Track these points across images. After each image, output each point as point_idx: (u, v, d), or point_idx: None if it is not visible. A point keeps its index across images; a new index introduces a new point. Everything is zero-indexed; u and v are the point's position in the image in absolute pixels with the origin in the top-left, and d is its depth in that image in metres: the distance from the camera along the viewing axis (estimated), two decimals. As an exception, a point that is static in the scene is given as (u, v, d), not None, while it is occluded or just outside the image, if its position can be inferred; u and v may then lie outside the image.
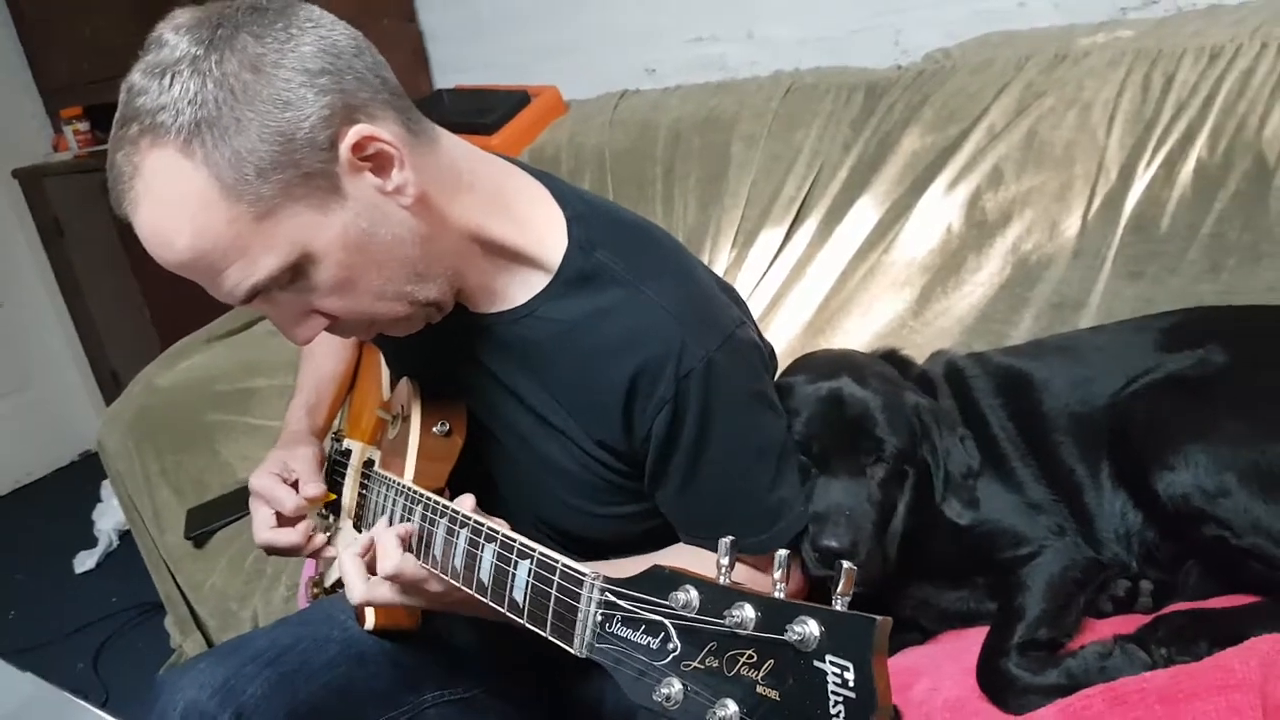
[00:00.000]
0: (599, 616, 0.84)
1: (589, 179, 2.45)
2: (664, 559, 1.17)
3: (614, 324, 1.20)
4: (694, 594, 0.75)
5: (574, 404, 1.24)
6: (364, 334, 1.23)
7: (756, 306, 2.11)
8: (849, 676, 0.65)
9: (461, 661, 1.44)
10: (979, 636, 1.40)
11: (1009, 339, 1.87)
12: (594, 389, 1.22)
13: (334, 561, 1.52)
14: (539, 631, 0.93)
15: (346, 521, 1.46)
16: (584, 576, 0.87)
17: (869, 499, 1.37)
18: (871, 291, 2.04)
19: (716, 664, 0.73)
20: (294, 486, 1.41)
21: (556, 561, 0.92)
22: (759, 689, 0.69)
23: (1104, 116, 1.85)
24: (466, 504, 1.15)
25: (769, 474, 1.27)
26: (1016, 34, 2.09)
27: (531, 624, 0.95)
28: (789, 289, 2.14)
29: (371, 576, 1.20)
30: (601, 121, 2.54)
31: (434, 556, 1.15)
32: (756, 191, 2.23)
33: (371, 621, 1.33)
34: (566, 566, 0.90)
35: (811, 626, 0.67)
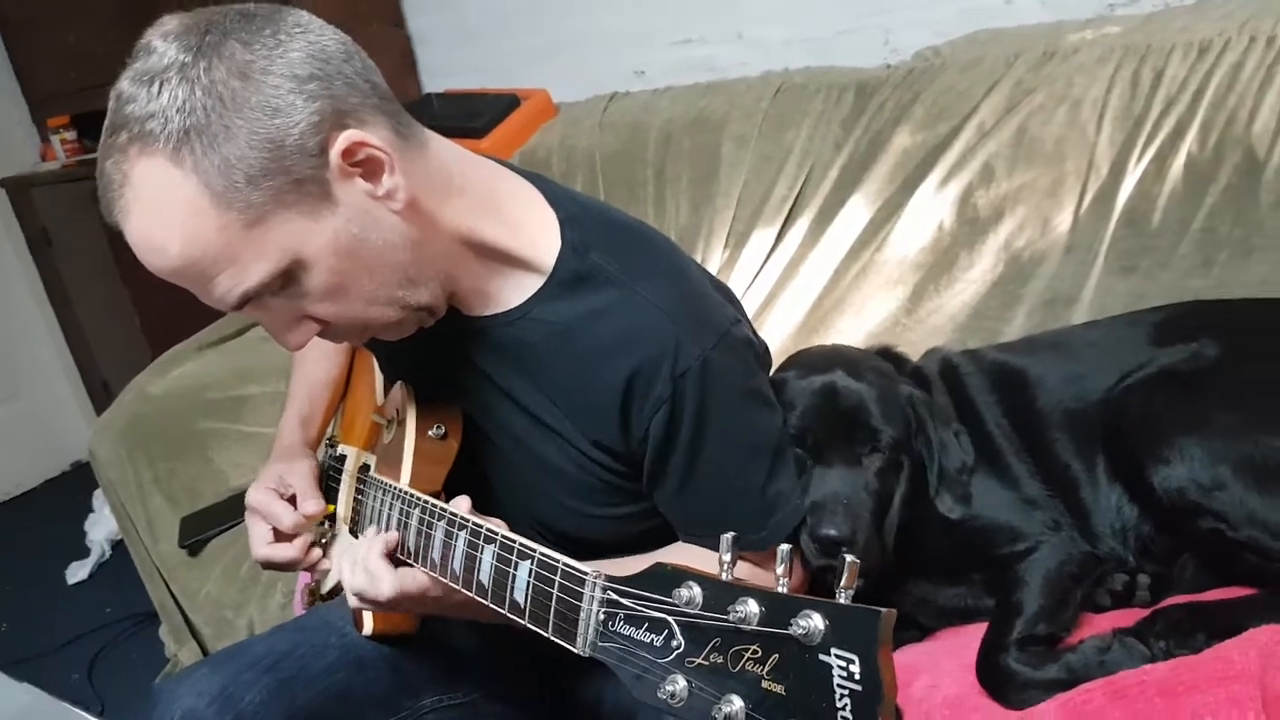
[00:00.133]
0: (601, 615, 0.83)
1: (580, 182, 2.44)
2: (664, 558, 1.16)
3: (609, 325, 1.20)
4: (697, 591, 0.75)
5: (570, 405, 1.24)
6: (356, 339, 1.23)
7: (750, 307, 2.11)
8: (855, 669, 0.65)
9: (460, 665, 1.43)
10: (977, 633, 1.40)
11: (1002, 336, 1.87)
12: (590, 390, 1.21)
13: (329, 568, 1.52)
14: (540, 632, 0.93)
15: (343, 527, 1.45)
16: (586, 575, 0.87)
17: (866, 488, 1.37)
18: (864, 290, 2.04)
19: (721, 660, 0.72)
20: (291, 501, 1.41)
21: (558, 561, 0.92)
22: (764, 684, 0.69)
23: (1094, 113, 1.86)
24: (463, 506, 1.15)
25: (766, 470, 1.27)
26: (1005, 32, 2.10)
27: (533, 624, 0.94)
28: (782, 289, 2.14)
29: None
30: (592, 124, 2.54)
31: (432, 560, 1.14)
32: (748, 192, 2.23)
33: (370, 627, 1.33)
34: (568, 566, 0.90)
35: (816, 620, 0.66)
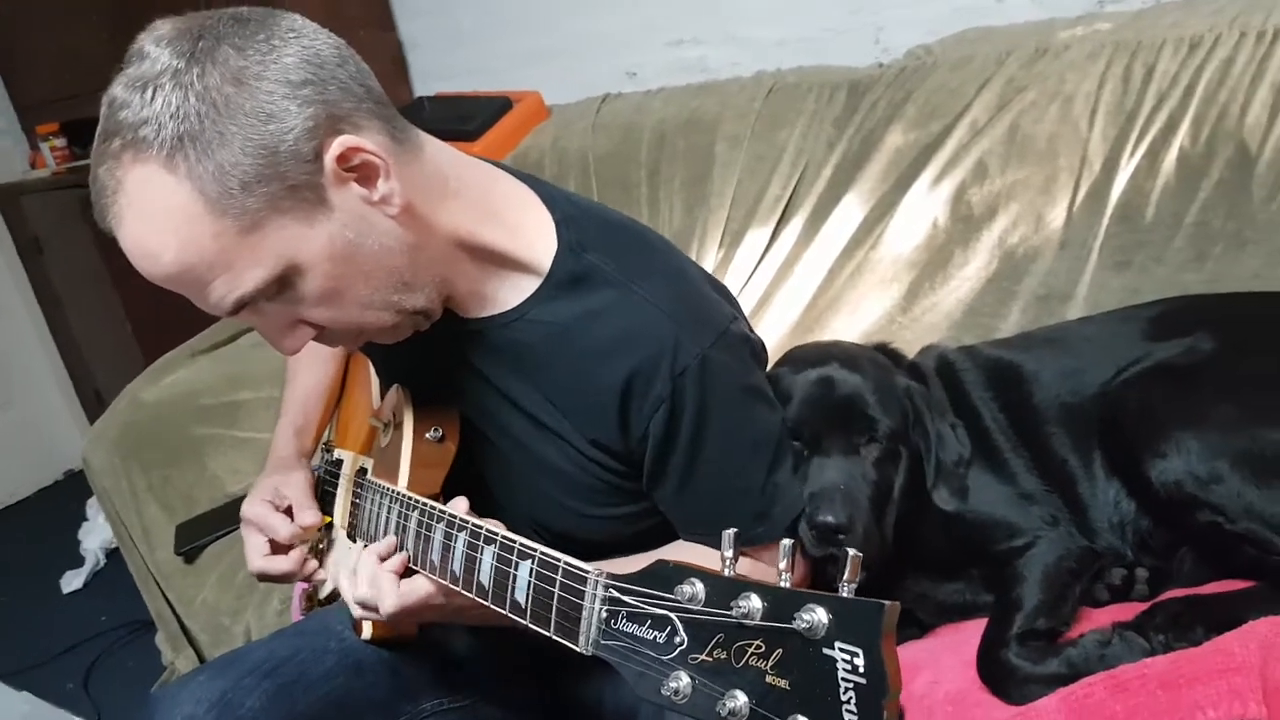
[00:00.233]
0: (604, 613, 0.83)
1: (573, 183, 2.44)
2: (665, 556, 1.16)
3: (607, 325, 1.20)
4: (699, 587, 0.75)
5: (568, 406, 1.24)
6: (351, 343, 1.22)
7: (745, 307, 2.08)
8: (859, 662, 0.65)
9: (459, 669, 1.43)
10: (976, 629, 1.40)
11: (997, 332, 1.87)
12: (588, 390, 1.21)
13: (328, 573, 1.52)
14: (542, 631, 0.92)
15: (340, 532, 1.45)
16: (588, 574, 0.87)
17: (864, 477, 1.37)
18: (859, 289, 2.04)
19: (724, 656, 0.72)
20: (287, 513, 1.41)
21: (559, 560, 0.91)
22: (768, 678, 0.69)
23: (1086, 109, 1.86)
24: (460, 507, 1.15)
25: (766, 467, 1.27)
26: (996, 29, 2.10)
27: (534, 624, 0.94)
28: (776, 288, 2.14)
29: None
30: (584, 126, 2.54)
31: (432, 562, 1.14)
32: (741, 192, 2.23)
33: (369, 631, 1.33)
34: (569, 564, 0.90)
35: (820, 614, 0.66)
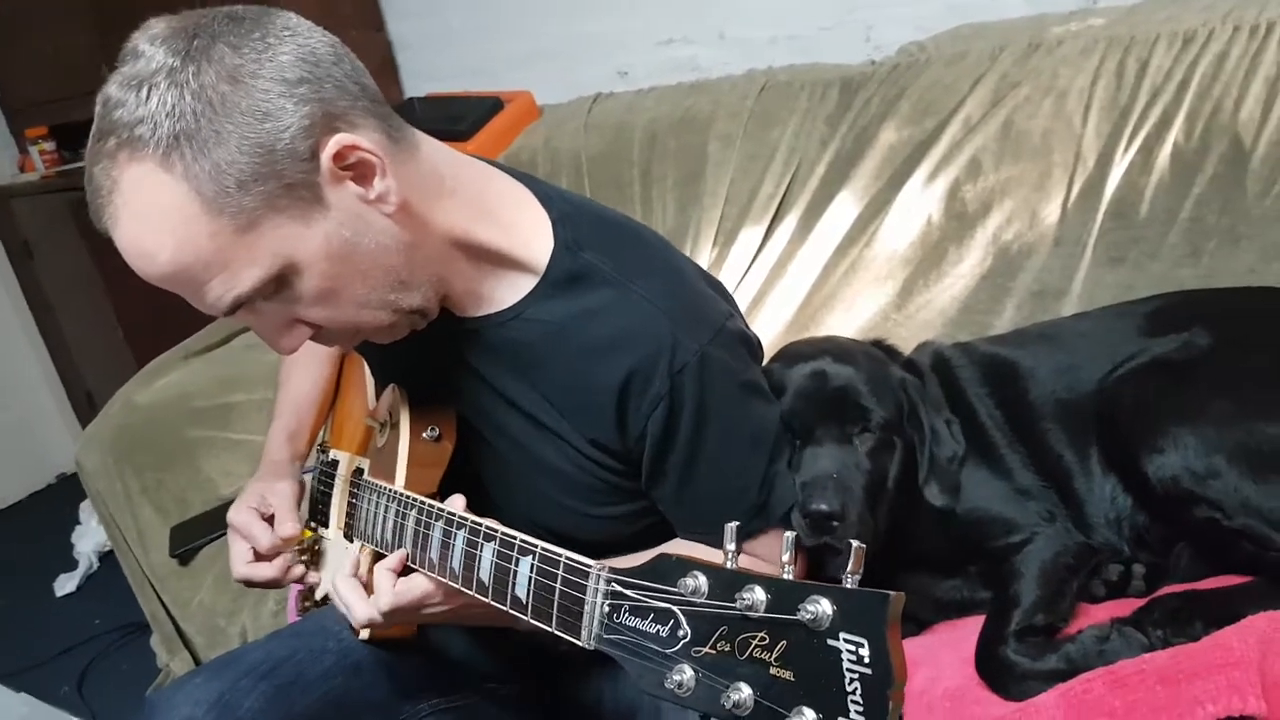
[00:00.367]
0: (606, 607, 0.83)
1: (566, 183, 2.43)
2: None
3: (604, 323, 1.19)
4: (702, 580, 0.74)
5: (566, 404, 1.23)
6: (348, 343, 1.22)
7: (739, 305, 2.09)
8: (864, 653, 0.64)
9: (458, 668, 1.43)
10: (974, 625, 1.41)
11: (992, 329, 1.87)
12: (586, 389, 1.21)
13: (323, 574, 1.51)
14: (544, 626, 0.92)
15: (336, 532, 1.45)
16: (590, 568, 0.86)
17: (857, 466, 1.37)
18: (854, 287, 2.05)
19: (728, 648, 0.72)
20: (270, 522, 1.40)
21: (560, 555, 0.91)
22: (772, 670, 0.69)
23: (1080, 104, 1.86)
24: (457, 505, 1.14)
25: (765, 463, 1.27)
26: (989, 25, 2.10)
27: (536, 619, 0.94)
28: (771, 287, 2.14)
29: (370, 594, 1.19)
30: (576, 125, 2.54)
31: (430, 560, 1.14)
32: (735, 190, 2.23)
33: (366, 631, 1.32)
34: (570, 559, 0.90)
35: (824, 605, 0.66)
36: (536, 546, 0.96)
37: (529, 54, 3.01)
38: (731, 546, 0.76)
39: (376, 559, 1.25)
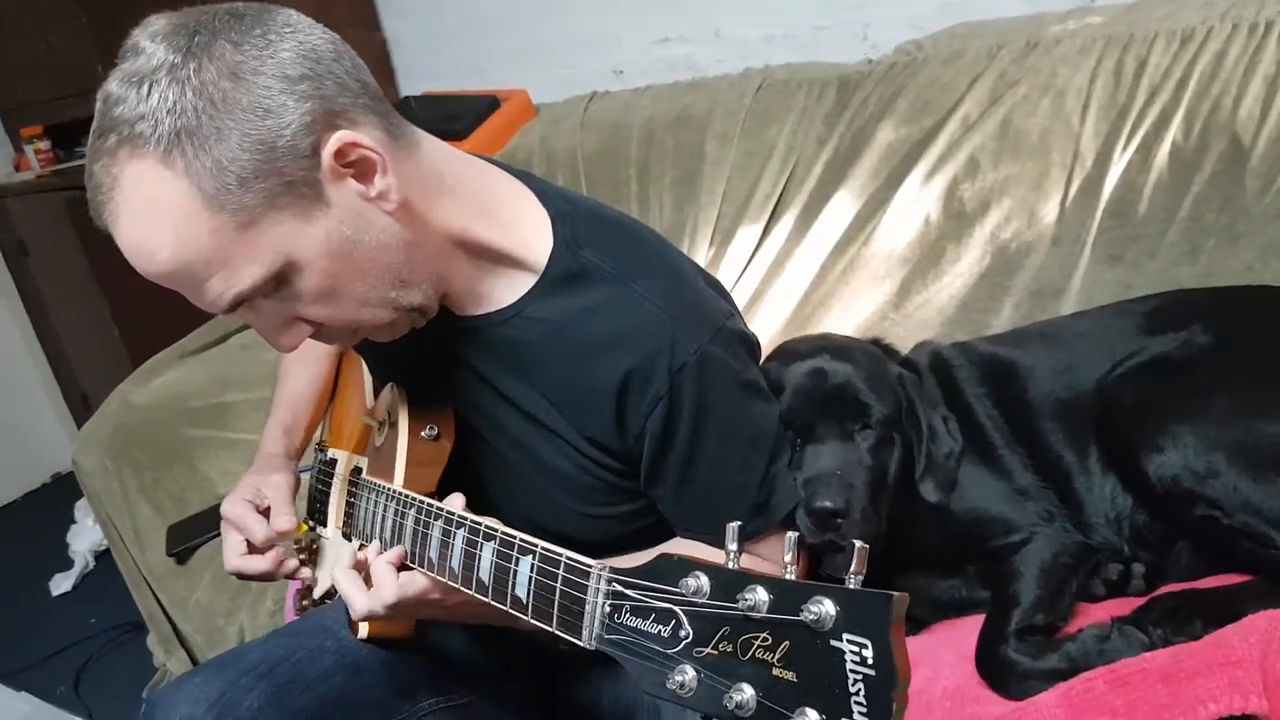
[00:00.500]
0: (607, 607, 0.83)
1: (562, 182, 2.43)
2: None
3: (603, 321, 1.19)
4: (704, 580, 0.74)
5: (565, 403, 1.23)
6: (347, 341, 1.22)
7: (737, 304, 2.10)
8: (867, 654, 0.64)
9: (457, 667, 1.43)
10: (973, 625, 1.41)
11: (990, 328, 1.87)
12: (585, 388, 1.21)
13: (321, 573, 1.51)
14: (545, 626, 0.92)
15: (335, 531, 1.44)
16: (590, 568, 0.86)
17: (859, 462, 1.37)
18: (851, 285, 2.04)
19: (730, 649, 0.72)
20: (266, 514, 1.39)
21: (560, 555, 0.91)
22: (775, 671, 0.69)
23: (1078, 103, 1.86)
24: (456, 504, 1.14)
25: (765, 462, 1.26)
26: (987, 24, 2.10)
27: (536, 619, 0.93)
28: (768, 285, 2.14)
29: (370, 588, 1.19)
30: (572, 124, 2.53)
31: (429, 559, 1.13)
32: (732, 189, 2.22)
33: (365, 630, 1.32)
34: (571, 559, 0.89)
35: (827, 606, 0.66)
36: (536, 546, 0.95)
37: (524, 53, 3.00)
38: (733, 546, 0.75)
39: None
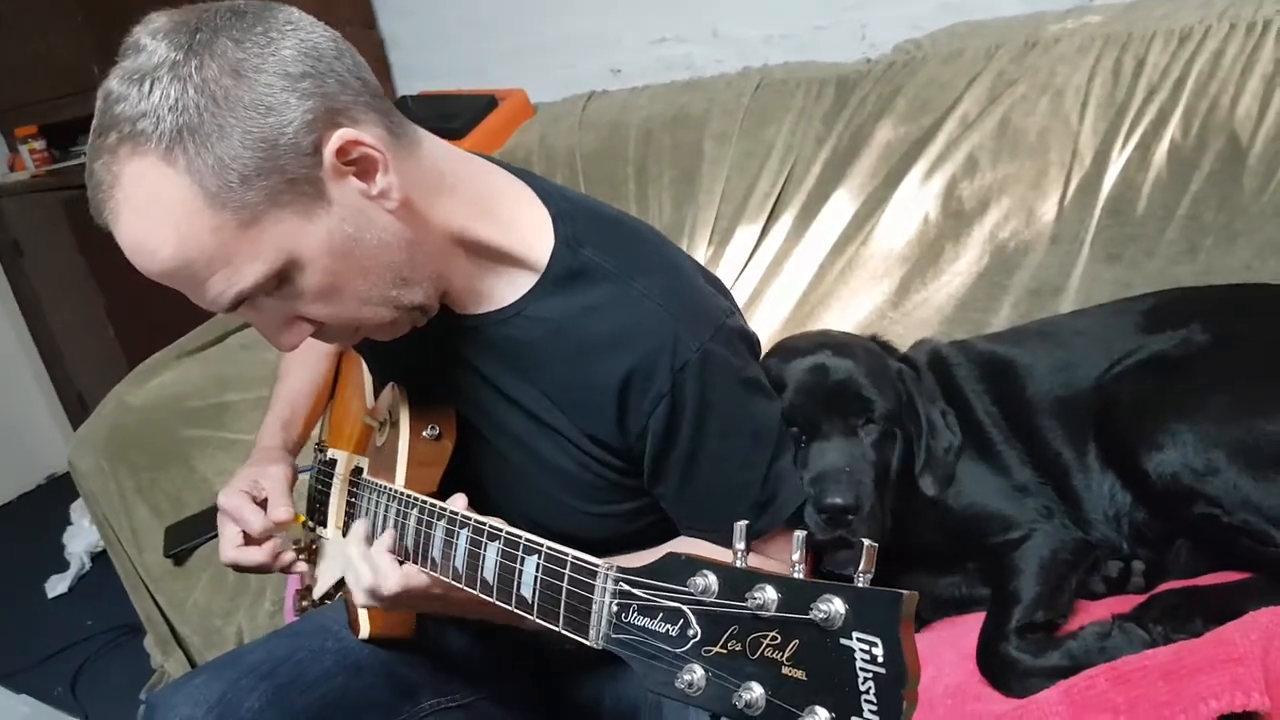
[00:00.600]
0: (614, 607, 0.82)
1: (560, 181, 2.41)
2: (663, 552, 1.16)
3: (604, 320, 1.19)
4: (712, 579, 0.74)
5: (567, 402, 1.23)
6: (348, 340, 1.21)
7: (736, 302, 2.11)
8: (877, 652, 0.64)
9: (458, 667, 1.42)
10: (974, 622, 1.41)
11: (989, 327, 1.87)
12: (587, 386, 1.20)
13: (321, 574, 1.50)
14: (551, 626, 0.92)
15: (335, 531, 1.44)
16: (597, 568, 0.86)
17: (865, 458, 1.37)
18: (850, 285, 2.05)
19: (739, 647, 0.72)
20: (263, 505, 1.39)
21: (566, 555, 0.91)
22: (784, 670, 0.69)
23: (1076, 102, 1.87)
24: (459, 504, 1.14)
25: (766, 459, 1.26)
26: (986, 23, 2.10)
27: (542, 619, 0.93)
28: (767, 285, 2.14)
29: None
30: (570, 123, 2.53)
31: (433, 559, 1.13)
32: (730, 188, 2.22)
33: (366, 630, 1.32)
34: (578, 559, 0.89)
35: (837, 604, 0.66)
36: (542, 545, 0.95)
37: (521, 52, 3.00)
38: (741, 545, 0.75)
39: None
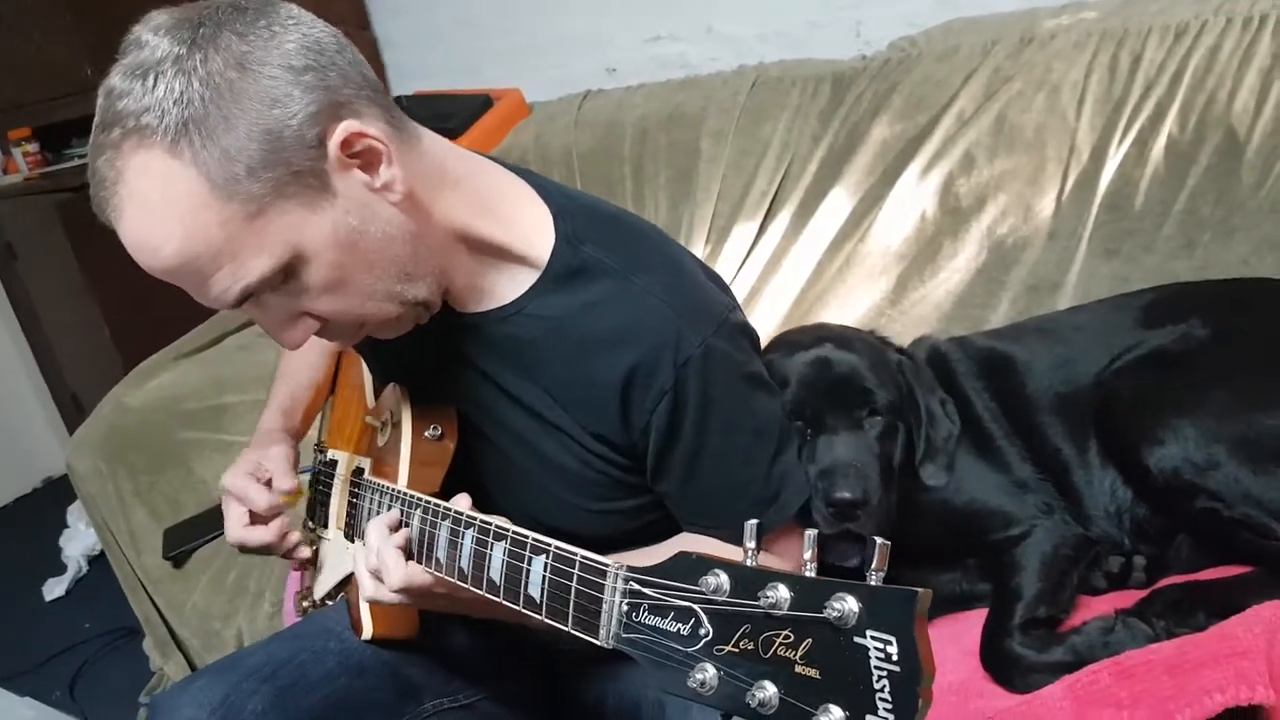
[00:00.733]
0: (625, 606, 0.82)
1: (557, 180, 2.42)
2: (667, 549, 1.16)
3: (606, 317, 1.19)
4: (724, 578, 0.74)
5: (569, 399, 1.23)
6: (351, 338, 1.20)
7: (735, 299, 2.11)
8: (892, 650, 0.64)
9: (461, 668, 1.42)
10: (976, 619, 1.41)
11: (987, 323, 1.88)
12: (589, 383, 1.20)
13: (322, 574, 1.50)
14: (560, 626, 0.91)
15: (336, 532, 1.44)
16: (607, 567, 0.86)
17: (870, 451, 1.38)
18: (848, 282, 2.05)
19: (751, 646, 0.71)
20: (268, 485, 1.39)
21: (575, 554, 0.90)
22: (797, 668, 0.68)
23: (1073, 98, 1.87)
24: (463, 504, 1.13)
25: (770, 454, 1.26)
26: (981, 19, 2.10)
27: (551, 619, 0.93)
28: (765, 283, 2.14)
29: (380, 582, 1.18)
30: (566, 122, 2.53)
31: (437, 559, 1.13)
32: (727, 187, 2.22)
33: (369, 631, 1.31)
34: (586, 558, 0.89)
35: (850, 603, 0.66)
36: (550, 545, 0.95)
37: (515, 52, 2.99)
38: (752, 544, 0.75)
39: None
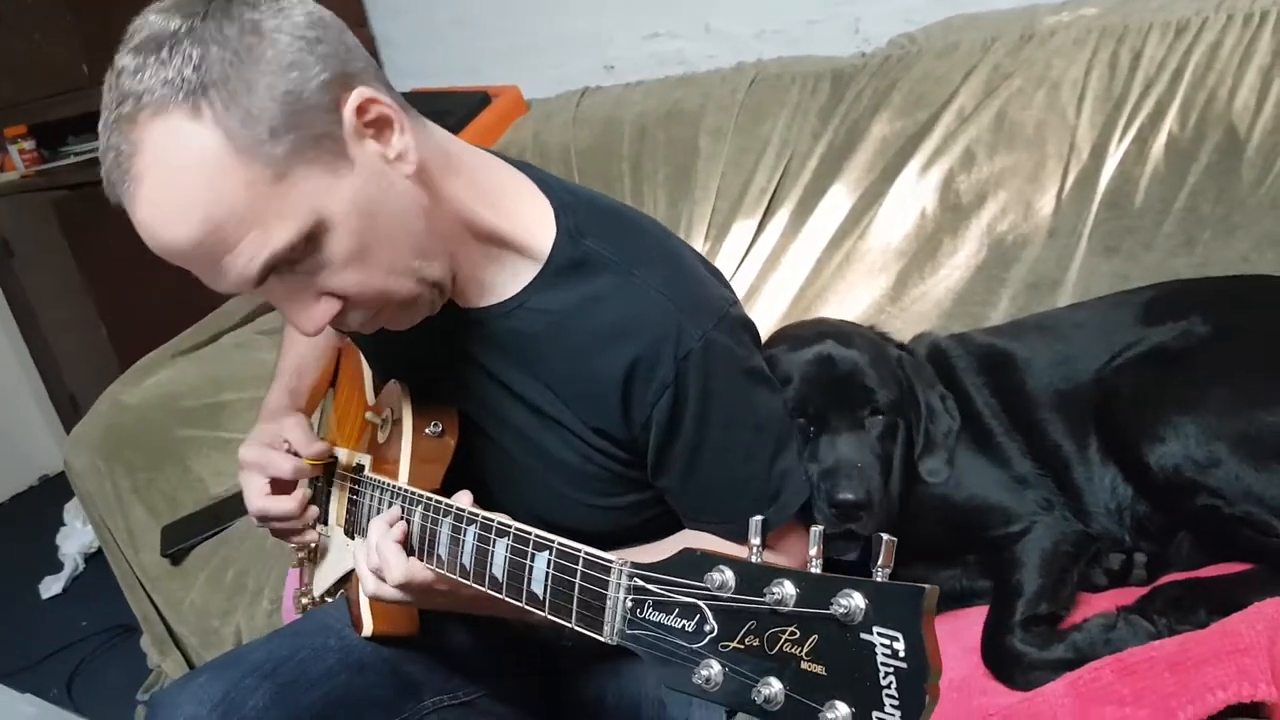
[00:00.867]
0: (629, 603, 0.82)
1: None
2: (672, 545, 1.16)
3: (607, 311, 1.19)
4: (729, 574, 0.74)
5: (570, 394, 1.23)
6: (371, 323, 1.16)
7: (735, 295, 2.11)
8: (899, 647, 0.64)
9: (461, 665, 1.42)
10: (976, 616, 1.41)
11: (987, 321, 1.87)
12: (590, 378, 1.20)
13: (321, 571, 1.50)
14: (563, 622, 0.91)
15: (336, 529, 1.44)
16: (611, 563, 0.85)
17: (872, 450, 1.38)
18: (848, 279, 2.04)
19: (757, 643, 0.71)
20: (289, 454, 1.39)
21: (578, 550, 0.90)
22: (803, 665, 0.68)
23: (1073, 95, 1.86)
24: (464, 501, 1.13)
25: (771, 450, 1.26)
26: (981, 16, 2.09)
27: (554, 615, 0.93)
28: (764, 280, 2.14)
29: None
30: (564, 120, 2.52)
31: (439, 556, 1.12)
32: (726, 184, 2.22)
33: (369, 628, 1.31)
34: (590, 555, 0.89)
35: (857, 599, 0.65)
36: (553, 542, 0.95)
37: (513, 50, 2.98)
38: (756, 541, 0.75)
39: None
